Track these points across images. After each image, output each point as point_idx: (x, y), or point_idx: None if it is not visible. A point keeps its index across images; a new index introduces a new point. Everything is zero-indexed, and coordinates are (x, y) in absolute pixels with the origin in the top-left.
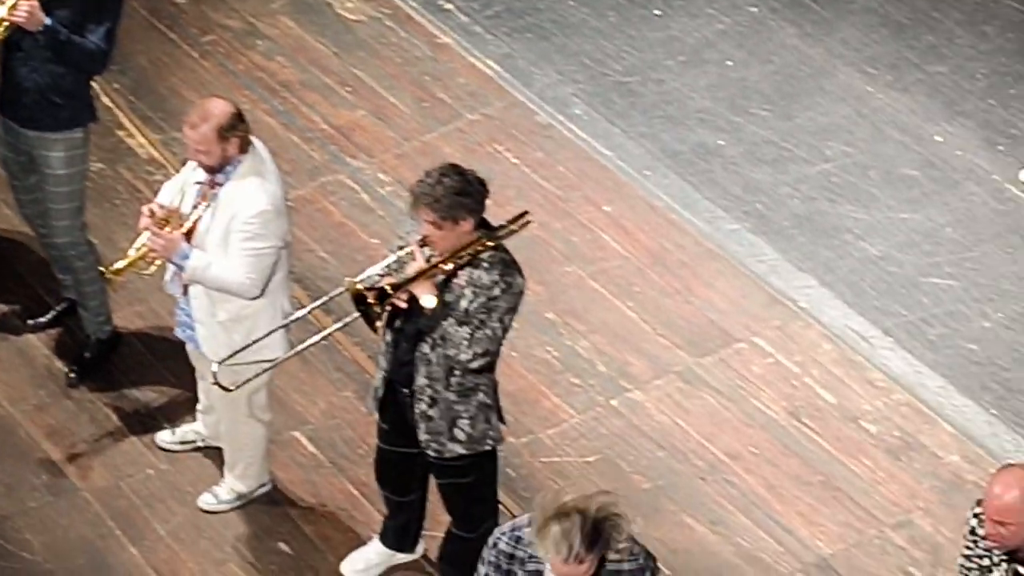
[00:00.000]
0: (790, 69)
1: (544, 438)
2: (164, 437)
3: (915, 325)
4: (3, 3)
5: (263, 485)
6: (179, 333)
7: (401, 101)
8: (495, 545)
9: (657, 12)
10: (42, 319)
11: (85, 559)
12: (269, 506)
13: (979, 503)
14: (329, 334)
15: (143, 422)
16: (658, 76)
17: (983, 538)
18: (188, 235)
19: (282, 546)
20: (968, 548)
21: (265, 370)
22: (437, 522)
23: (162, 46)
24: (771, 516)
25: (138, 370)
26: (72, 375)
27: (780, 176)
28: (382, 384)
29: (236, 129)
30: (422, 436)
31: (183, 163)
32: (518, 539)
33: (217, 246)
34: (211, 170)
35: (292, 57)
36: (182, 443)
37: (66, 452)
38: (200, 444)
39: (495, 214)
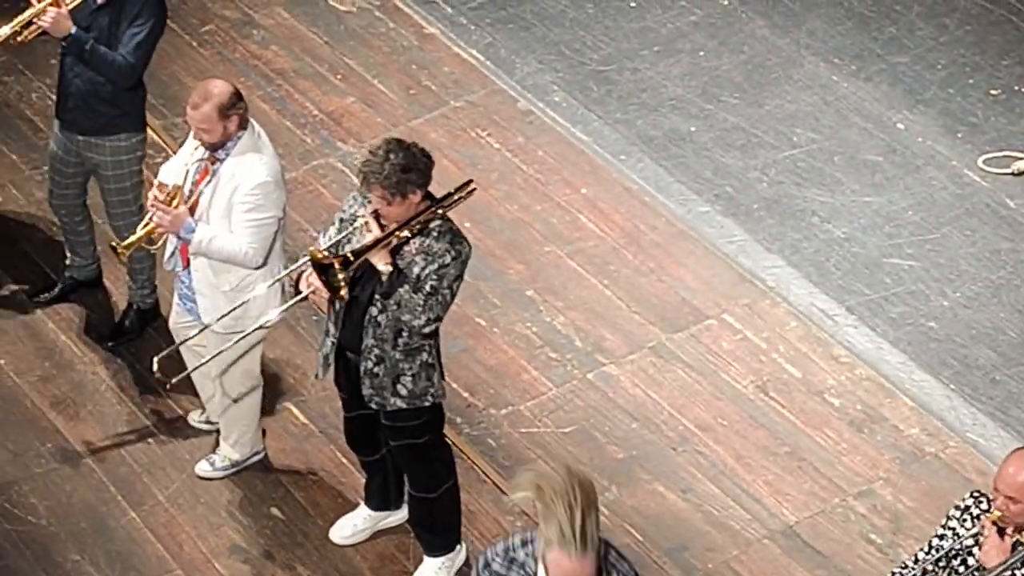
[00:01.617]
0: (759, 59)
1: (523, 410)
2: (194, 417)
3: (877, 304)
4: (38, 2)
5: (256, 453)
6: (179, 306)
7: (389, 88)
8: (488, 565)
9: (633, 4)
10: (48, 295)
11: (88, 523)
12: (262, 473)
13: (977, 492)
14: (287, 308)
15: (144, 392)
16: (633, 65)
17: (976, 517)
18: (192, 210)
19: (275, 511)
20: (947, 528)
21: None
22: None
23: (163, 36)
24: (739, 485)
25: (138, 343)
26: (111, 343)
27: (749, 161)
28: (332, 351)
29: (235, 107)
30: (366, 391)
31: (182, 146)
32: (512, 560)
33: (220, 219)
34: (212, 147)
35: (286, 46)
36: (208, 423)
37: (70, 421)
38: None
39: (480, 197)
